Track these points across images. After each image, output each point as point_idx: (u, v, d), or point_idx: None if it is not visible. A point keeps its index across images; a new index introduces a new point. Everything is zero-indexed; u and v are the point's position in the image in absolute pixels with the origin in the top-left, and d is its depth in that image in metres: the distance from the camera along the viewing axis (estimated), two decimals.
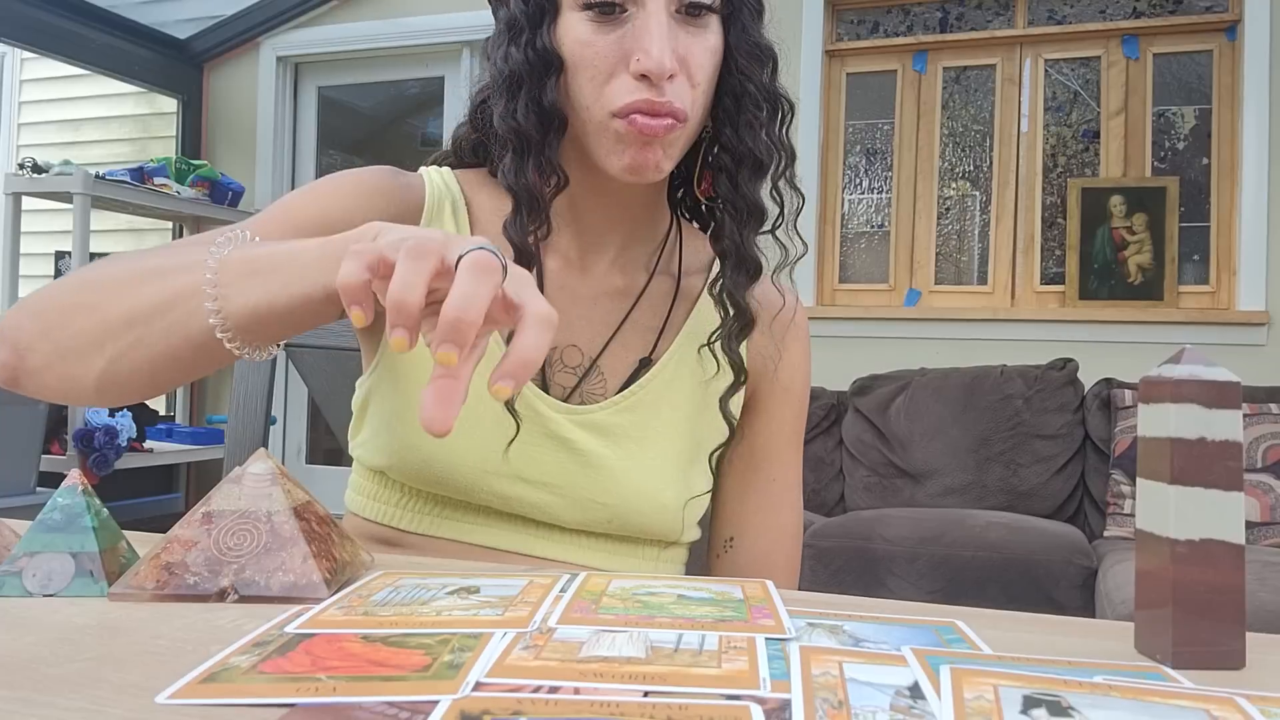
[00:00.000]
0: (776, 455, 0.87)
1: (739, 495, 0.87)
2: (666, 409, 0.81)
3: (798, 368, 0.88)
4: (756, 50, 0.77)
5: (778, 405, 0.87)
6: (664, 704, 0.36)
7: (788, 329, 0.88)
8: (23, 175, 3.36)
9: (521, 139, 0.75)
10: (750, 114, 0.77)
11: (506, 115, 0.75)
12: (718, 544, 0.88)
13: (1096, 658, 0.45)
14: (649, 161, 0.73)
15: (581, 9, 0.73)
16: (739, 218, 0.78)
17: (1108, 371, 2.95)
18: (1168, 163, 3.22)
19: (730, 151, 0.78)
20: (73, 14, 3.66)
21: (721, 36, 0.76)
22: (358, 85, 4.13)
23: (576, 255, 0.83)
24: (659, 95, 0.71)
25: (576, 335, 0.82)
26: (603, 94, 0.73)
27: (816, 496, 3.02)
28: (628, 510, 0.78)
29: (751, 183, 0.78)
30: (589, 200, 0.81)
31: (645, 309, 0.83)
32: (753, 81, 0.76)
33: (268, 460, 0.56)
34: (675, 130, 0.73)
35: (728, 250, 0.79)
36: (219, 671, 0.39)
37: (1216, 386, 0.45)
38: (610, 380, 0.81)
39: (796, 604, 0.52)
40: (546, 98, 0.74)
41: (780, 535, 0.87)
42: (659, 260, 0.85)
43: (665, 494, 0.79)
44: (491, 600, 0.50)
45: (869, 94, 3.49)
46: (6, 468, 2.89)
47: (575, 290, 0.82)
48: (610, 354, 0.82)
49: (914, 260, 3.42)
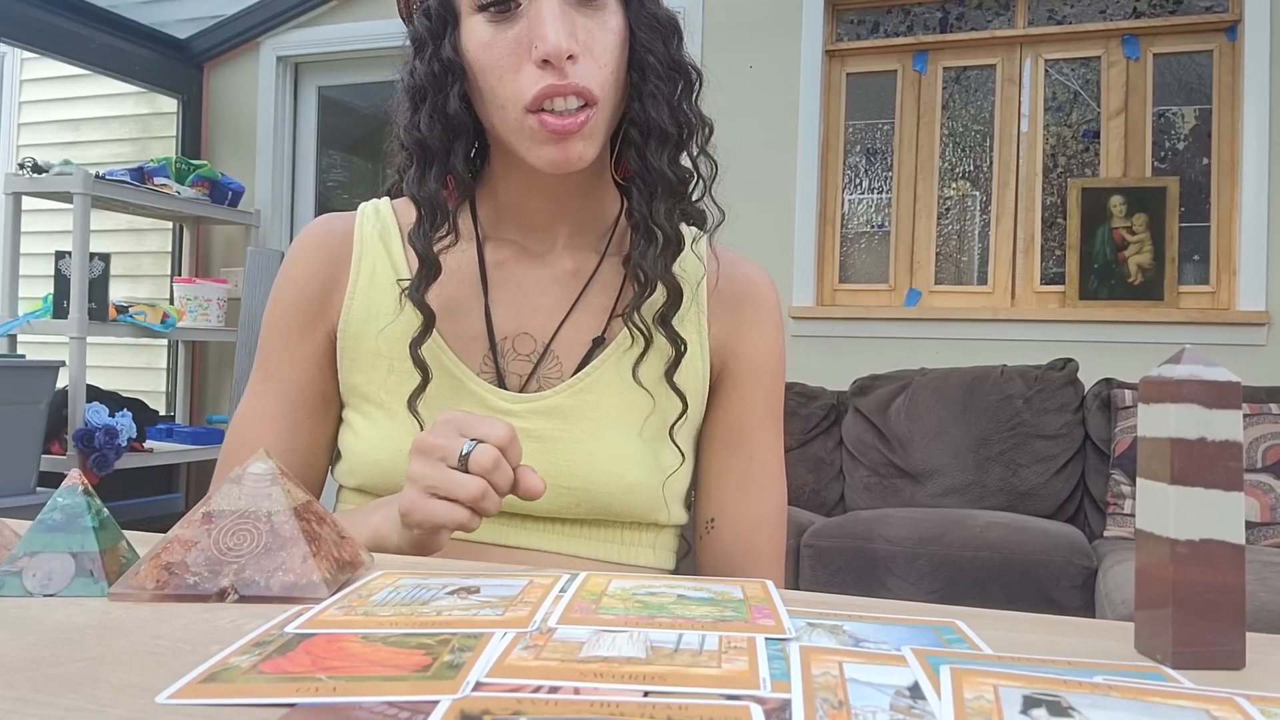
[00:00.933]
0: (752, 435, 0.87)
1: (718, 476, 0.88)
2: (623, 387, 0.82)
3: (767, 346, 0.88)
4: (655, 22, 0.78)
5: (748, 384, 0.87)
6: (664, 704, 0.36)
7: (752, 307, 0.88)
8: (23, 175, 3.35)
9: (424, 149, 0.78)
10: (654, 85, 0.78)
11: (410, 128, 0.78)
12: (700, 526, 0.89)
13: (1096, 658, 0.45)
14: (570, 154, 0.75)
15: (477, 11, 0.75)
16: (647, 189, 0.79)
17: (1108, 371, 2.95)
18: (1168, 163, 3.22)
19: (638, 125, 0.78)
20: (73, 14, 3.65)
21: (622, 16, 0.77)
22: (358, 85, 4.13)
23: (524, 245, 0.84)
24: (562, 78, 0.72)
25: (528, 322, 0.83)
26: (512, 90, 0.74)
27: (816, 496, 3.02)
28: (595, 492, 0.79)
29: (659, 154, 0.78)
30: (529, 194, 0.83)
31: (597, 290, 0.84)
32: (653, 53, 0.77)
33: (268, 460, 0.56)
34: (588, 121, 0.74)
35: (638, 223, 0.80)
36: (219, 671, 0.39)
37: (1216, 386, 0.45)
38: (565, 363, 0.82)
39: (796, 604, 0.52)
40: (450, 106, 0.76)
41: (761, 515, 0.87)
42: (609, 242, 0.86)
43: (632, 473, 0.80)
44: (491, 600, 0.50)
45: (869, 94, 3.49)
46: (6, 468, 2.89)
47: (524, 279, 0.84)
48: (563, 337, 0.83)
49: (914, 260, 3.41)
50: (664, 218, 0.78)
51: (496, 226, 0.85)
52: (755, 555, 0.87)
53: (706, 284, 0.86)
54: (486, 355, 0.82)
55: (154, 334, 3.55)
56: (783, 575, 0.89)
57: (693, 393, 0.84)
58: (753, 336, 0.87)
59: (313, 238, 0.87)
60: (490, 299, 0.83)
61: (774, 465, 0.88)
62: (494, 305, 0.83)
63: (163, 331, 3.53)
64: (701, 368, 0.85)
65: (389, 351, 0.82)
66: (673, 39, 0.79)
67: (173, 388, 4.13)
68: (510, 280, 0.84)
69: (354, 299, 0.84)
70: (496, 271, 0.84)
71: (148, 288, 4.21)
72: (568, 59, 0.72)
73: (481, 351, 0.82)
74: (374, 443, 0.80)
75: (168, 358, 4.15)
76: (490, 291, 0.83)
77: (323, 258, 0.85)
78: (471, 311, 0.83)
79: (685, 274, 0.84)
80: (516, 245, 0.85)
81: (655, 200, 0.79)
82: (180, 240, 4.15)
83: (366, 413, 0.82)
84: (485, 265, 0.84)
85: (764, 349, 0.88)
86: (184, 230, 4.13)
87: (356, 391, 0.84)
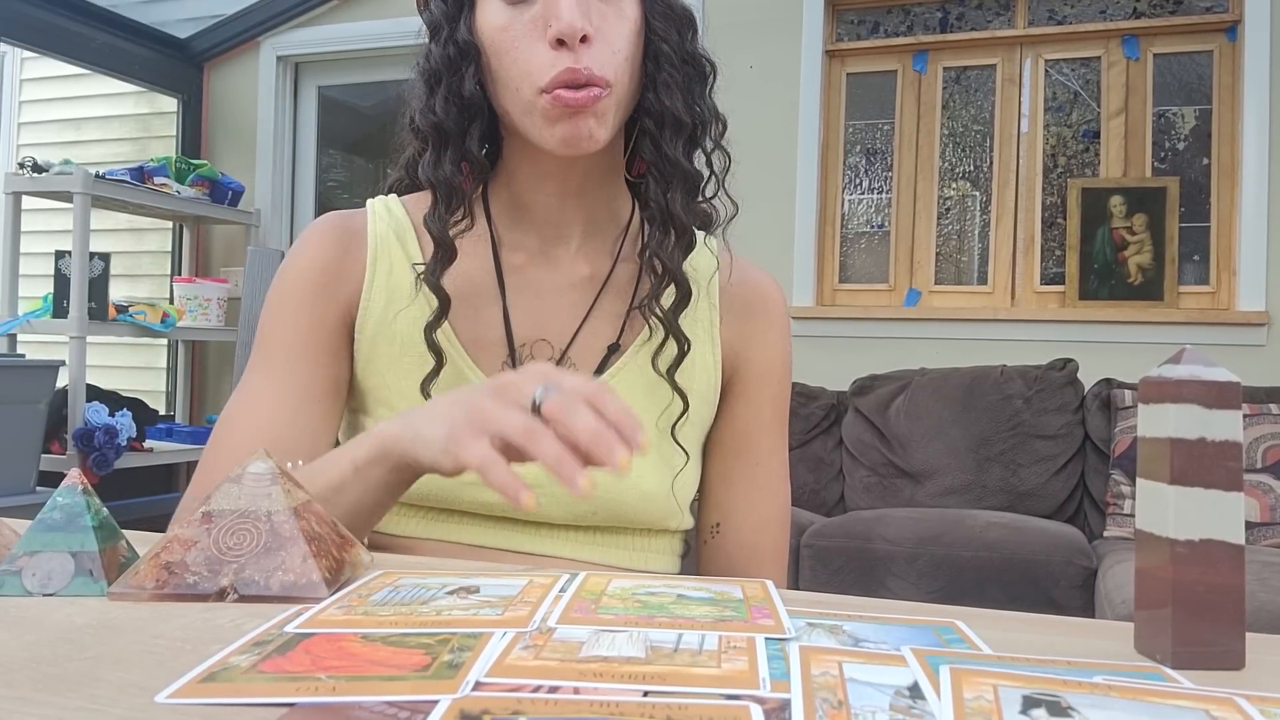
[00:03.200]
0: (759, 441, 0.88)
1: (724, 482, 0.88)
2: (639, 394, 0.82)
3: (775, 352, 0.88)
4: (669, 11, 0.79)
5: (757, 391, 0.87)
6: (664, 704, 0.36)
7: (763, 314, 0.88)
8: (23, 175, 3.35)
9: (440, 132, 0.78)
10: (667, 74, 0.78)
11: (425, 111, 0.78)
12: (705, 530, 0.89)
13: (1096, 658, 0.45)
14: (581, 131, 0.74)
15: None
16: (663, 180, 0.79)
17: (1108, 371, 2.95)
18: (1168, 163, 3.22)
19: (651, 114, 0.79)
20: (73, 13, 3.65)
21: (638, 5, 0.78)
22: (358, 85, 4.13)
23: (539, 249, 0.84)
24: (577, 62, 0.72)
25: (545, 329, 0.83)
26: (526, 72, 0.74)
27: (816, 496, 3.02)
28: (613, 501, 0.79)
29: (673, 143, 0.78)
30: (542, 186, 0.82)
31: (612, 295, 0.84)
32: (667, 42, 0.78)
33: (267, 460, 0.56)
34: (602, 99, 0.74)
35: (653, 214, 0.80)
36: (219, 671, 0.39)
37: (1216, 386, 0.45)
38: (582, 369, 0.82)
39: (796, 604, 0.52)
40: (466, 88, 0.76)
41: (765, 520, 0.88)
42: (622, 246, 0.86)
43: (647, 480, 0.80)
44: (491, 600, 0.50)
45: (869, 94, 3.49)
46: (6, 467, 2.89)
47: (541, 284, 0.83)
48: (580, 343, 0.83)
49: (914, 260, 3.41)
50: (680, 208, 0.78)
51: (511, 229, 0.84)
52: (759, 557, 0.87)
53: (719, 279, 0.86)
54: (505, 361, 0.81)
55: (154, 333, 3.55)
56: (785, 577, 0.89)
57: (701, 394, 0.84)
58: (763, 343, 0.87)
59: (325, 226, 0.85)
60: (508, 304, 0.82)
61: (779, 470, 0.89)
62: (512, 311, 0.82)
63: (163, 331, 3.53)
64: (714, 370, 0.85)
65: (405, 347, 0.81)
66: (687, 30, 0.80)
67: (172, 387, 4.13)
68: (527, 285, 0.83)
69: (371, 298, 0.82)
70: (513, 276, 0.83)
71: (148, 287, 4.21)
72: (581, 40, 0.73)
73: (500, 357, 0.82)
74: None
75: (167, 357, 4.15)
76: (508, 296, 0.83)
77: (335, 245, 0.83)
78: (489, 316, 0.82)
79: (696, 272, 0.84)
80: (532, 249, 0.84)
81: (671, 190, 0.78)
82: (180, 240, 4.15)
83: (380, 416, 0.81)
84: (502, 270, 0.83)
85: (773, 356, 0.88)
86: (184, 230, 4.13)
87: (372, 394, 0.83)
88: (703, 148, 0.81)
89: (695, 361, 0.84)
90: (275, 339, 0.81)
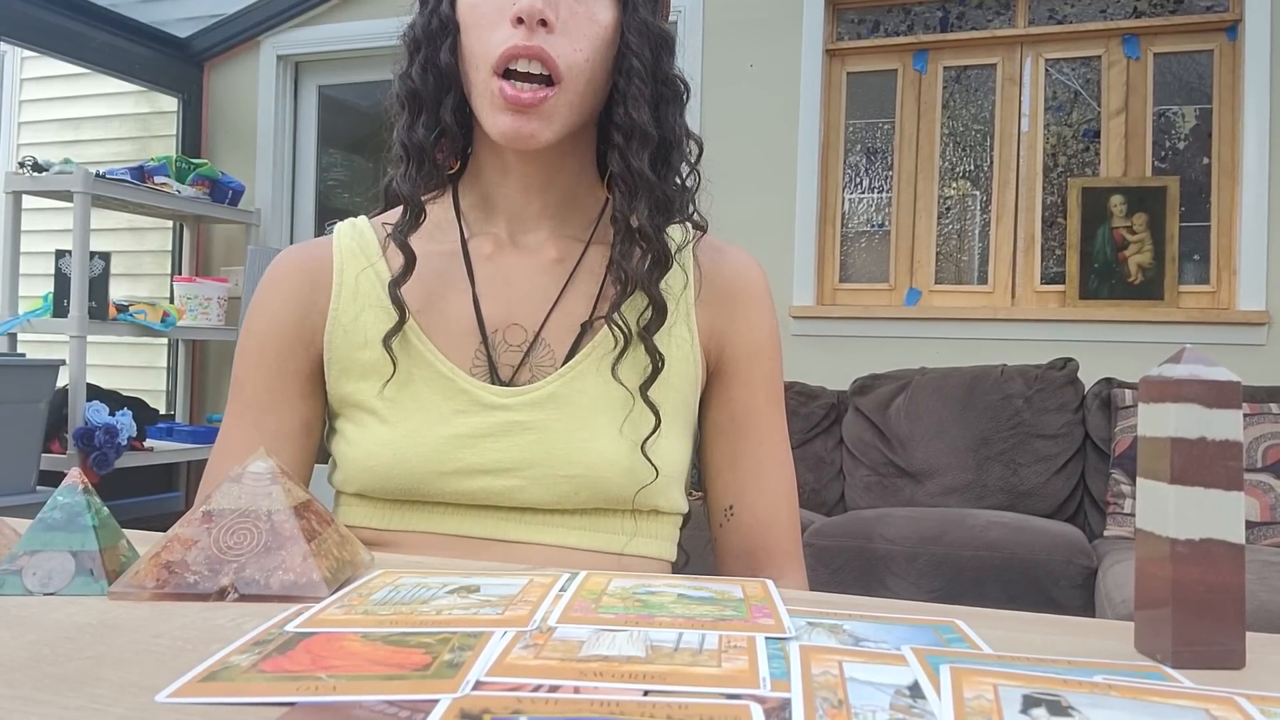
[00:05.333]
0: (758, 419, 0.88)
1: (731, 465, 0.88)
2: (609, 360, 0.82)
3: (762, 331, 0.89)
4: (645, 29, 0.80)
5: (748, 370, 0.88)
6: (664, 703, 0.36)
7: (744, 293, 0.88)
8: (23, 174, 3.35)
9: (415, 98, 0.81)
10: (636, 89, 0.79)
11: (404, 78, 0.81)
12: (718, 514, 0.89)
13: (1096, 657, 0.45)
14: (524, 130, 0.76)
15: None
16: (629, 193, 0.80)
17: (1108, 371, 2.95)
18: (1168, 162, 3.22)
19: (620, 128, 0.80)
20: (73, 12, 3.65)
21: (614, 15, 0.79)
22: (358, 84, 4.12)
23: (508, 237, 0.86)
24: (529, 39, 0.74)
25: (517, 313, 0.83)
26: (485, 50, 0.76)
27: (816, 496, 3.02)
28: (595, 478, 0.79)
29: (640, 155, 0.79)
30: (505, 181, 0.84)
31: (584, 277, 0.85)
32: (639, 59, 0.79)
33: (268, 459, 0.56)
34: (548, 100, 0.75)
35: (618, 227, 0.81)
36: (219, 670, 0.39)
37: (1216, 386, 0.45)
38: (557, 349, 0.83)
39: (796, 603, 0.52)
40: (443, 58, 0.79)
41: (777, 495, 0.89)
42: (594, 231, 0.87)
43: (627, 456, 0.80)
44: (491, 599, 0.50)
45: (869, 93, 3.49)
46: (6, 467, 2.89)
47: (510, 270, 0.85)
48: (552, 324, 0.83)
49: (914, 260, 3.41)
50: (645, 220, 0.79)
51: (481, 222, 0.86)
52: (776, 531, 0.88)
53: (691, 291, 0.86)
54: (478, 349, 0.82)
55: (154, 333, 3.55)
56: (801, 548, 0.90)
57: (679, 390, 0.84)
58: (747, 323, 0.88)
59: (286, 265, 0.87)
60: (478, 292, 0.83)
61: (781, 444, 0.90)
62: (482, 298, 0.83)
63: (163, 330, 3.53)
64: (693, 366, 0.85)
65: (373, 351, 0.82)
66: (662, 50, 0.81)
67: (173, 386, 4.13)
68: (496, 273, 0.84)
69: (339, 310, 0.84)
70: (483, 266, 0.85)
71: (148, 286, 4.21)
72: (540, 24, 0.74)
73: (472, 346, 0.82)
74: (368, 449, 0.80)
75: (168, 357, 4.15)
76: (477, 284, 0.84)
77: (298, 284, 0.85)
78: (459, 307, 0.83)
79: (670, 286, 0.84)
80: (501, 238, 0.86)
81: (635, 200, 0.79)
82: (180, 239, 4.15)
83: (359, 420, 0.82)
84: (470, 260, 0.85)
85: (759, 334, 0.88)
86: (184, 229, 4.13)
87: (348, 401, 0.84)
88: (675, 168, 0.82)
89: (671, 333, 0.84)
90: (245, 388, 0.86)
